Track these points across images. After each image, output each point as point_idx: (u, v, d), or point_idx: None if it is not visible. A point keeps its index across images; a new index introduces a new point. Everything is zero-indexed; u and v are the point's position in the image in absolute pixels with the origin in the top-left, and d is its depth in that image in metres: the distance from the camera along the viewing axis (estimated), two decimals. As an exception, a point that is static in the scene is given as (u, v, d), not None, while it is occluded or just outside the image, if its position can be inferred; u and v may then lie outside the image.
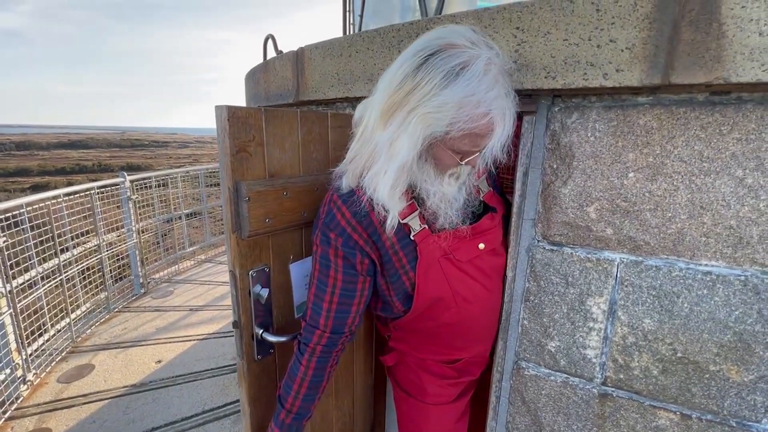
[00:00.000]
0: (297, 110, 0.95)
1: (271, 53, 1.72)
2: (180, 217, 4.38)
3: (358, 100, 1.22)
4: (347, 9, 3.07)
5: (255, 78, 1.81)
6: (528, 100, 0.92)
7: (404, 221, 0.86)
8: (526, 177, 0.97)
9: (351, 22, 3.10)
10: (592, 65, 0.79)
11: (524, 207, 0.99)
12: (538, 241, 0.98)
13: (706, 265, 0.82)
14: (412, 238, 0.86)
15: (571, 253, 0.94)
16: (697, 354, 0.85)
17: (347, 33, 3.23)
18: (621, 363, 0.93)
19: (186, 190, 4.50)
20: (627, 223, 0.87)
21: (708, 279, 0.82)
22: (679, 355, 0.87)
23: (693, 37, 0.71)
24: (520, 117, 0.96)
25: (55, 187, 3.00)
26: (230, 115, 0.81)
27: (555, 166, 0.92)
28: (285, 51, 1.89)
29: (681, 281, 0.84)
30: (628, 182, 0.85)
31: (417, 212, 0.86)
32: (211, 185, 4.89)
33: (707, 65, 0.70)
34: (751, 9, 0.67)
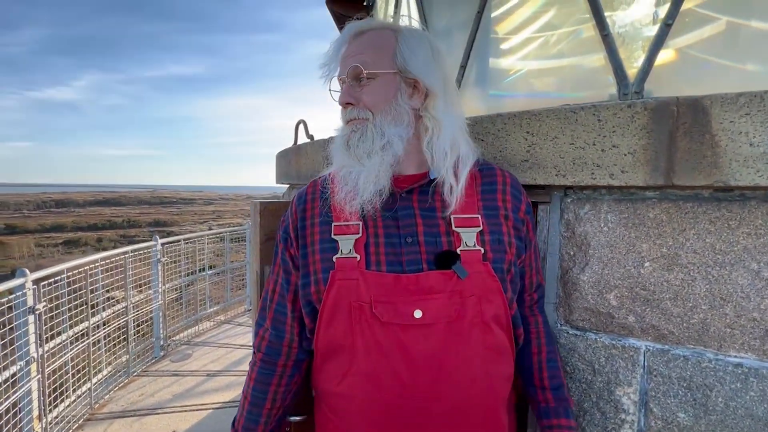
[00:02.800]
0: (288, 202, 1.06)
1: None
2: (204, 278, 4.50)
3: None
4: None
5: (287, 158, 1.99)
6: (542, 191, 1.00)
7: (336, 237, 0.75)
8: (545, 261, 1.02)
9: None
10: (599, 166, 0.87)
11: (545, 290, 1.02)
12: (561, 325, 1.00)
13: (735, 356, 0.82)
14: (334, 259, 0.74)
15: (595, 339, 0.95)
16: (740, 454, 0.81)
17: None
18: (659, 460, 0.88)
19: (210, 245, 4.67)
20: (648, 311, 0.88)
21: (740, 372, 0.81)
22: (720, 454, 0.83)
23: (689, 145, 0.78)
24: (535, 206, 1.03)
25: (86, 243, 3.19)
26: (262, 209, 0.93)
27: (572, 252, 0.97)
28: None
29: (712, 373, 0.83)
30: (644, 271, 0.88)
31: (356, 236, 0.74)
32: (233, 240, 5.06)
33: (706, 170, 0.77)
34: (739, 123, 0.75)
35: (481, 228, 0.75)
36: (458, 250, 0.72)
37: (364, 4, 3.67)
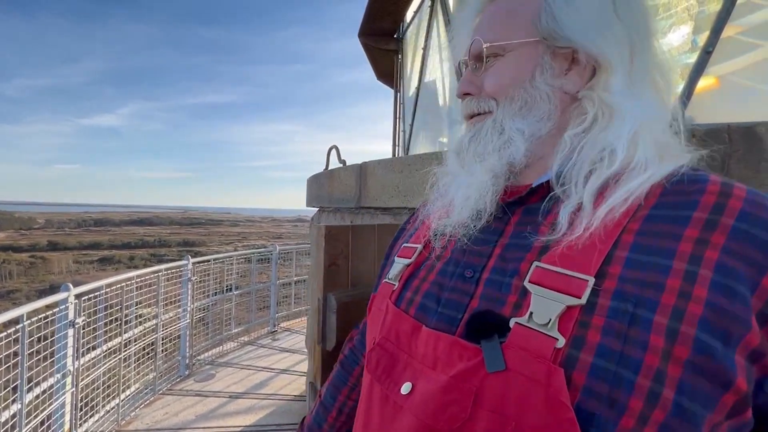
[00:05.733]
0: (375, 225, 1.08)
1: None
2: (230, 298, 4.58)
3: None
4: (397, 117, 3.50)
5: (319, 182, 2.05)
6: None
7: (397, 258, 0.59)
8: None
9: (402, 129, 3.49)
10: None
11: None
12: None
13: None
14: (387, 278, 0.59)
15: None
16: None
17: (397, 138, 3.64)
18: None
19: (237, 266, 4.76)
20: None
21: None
22: None
23: (745, 173, 0.75)
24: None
25: (119, 261, 3.34)
26: (327, 233, 0.93)
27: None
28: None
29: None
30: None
31: (408, 260, 0.57)
32: (259, 261, 5.15)
33: None
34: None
35: (582, 301, 0.37)
36: (513, 320, 0.39)
37: (395, 36, 3.84)
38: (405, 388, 0.45)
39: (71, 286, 2.42)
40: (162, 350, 3.56)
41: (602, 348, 0.35)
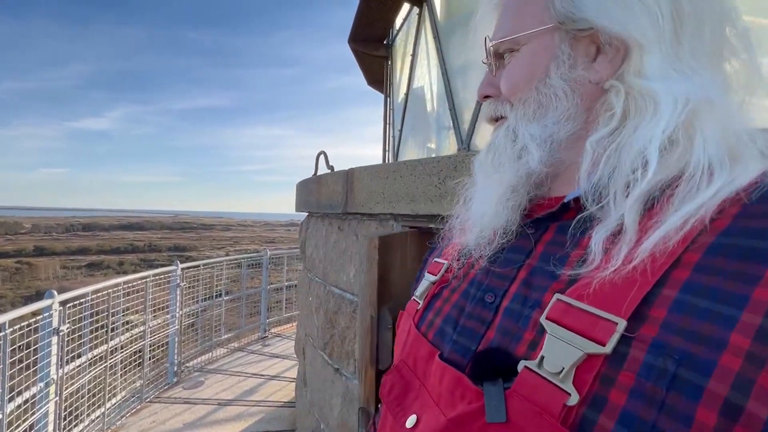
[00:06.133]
0: (407, 232, 1.01)
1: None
2: (220, 304, 4.54)
3: (403, 217, 1.36)
4: (387, 122, 3.52)
5: (308, 188, 2.06)
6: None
7: (427, 273, 0.55)
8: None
9: (391, 135, 3.51)
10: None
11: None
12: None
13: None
14: (414, 296, 0.55)
15: None
16: None
17: (387, 144, 3.66)
18: None
19: (227, 271, 4.73)
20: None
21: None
22: None
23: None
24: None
25: (108, 266, 3.29)
26: (380, 244, 0.84)
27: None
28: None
29: None
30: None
31: (434, 277, 0.52)
32: (250, 266, 5.12)
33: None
34: None
35: (607, 350, 0.30)
36: (522, 363, 0.34)
37: (384, 43, 3.88)
38: (410, 421, 0.41)
39: (55, 292, 2.39)
40: (150, 357, 3.51)
41: (627, 415, 0.27)
